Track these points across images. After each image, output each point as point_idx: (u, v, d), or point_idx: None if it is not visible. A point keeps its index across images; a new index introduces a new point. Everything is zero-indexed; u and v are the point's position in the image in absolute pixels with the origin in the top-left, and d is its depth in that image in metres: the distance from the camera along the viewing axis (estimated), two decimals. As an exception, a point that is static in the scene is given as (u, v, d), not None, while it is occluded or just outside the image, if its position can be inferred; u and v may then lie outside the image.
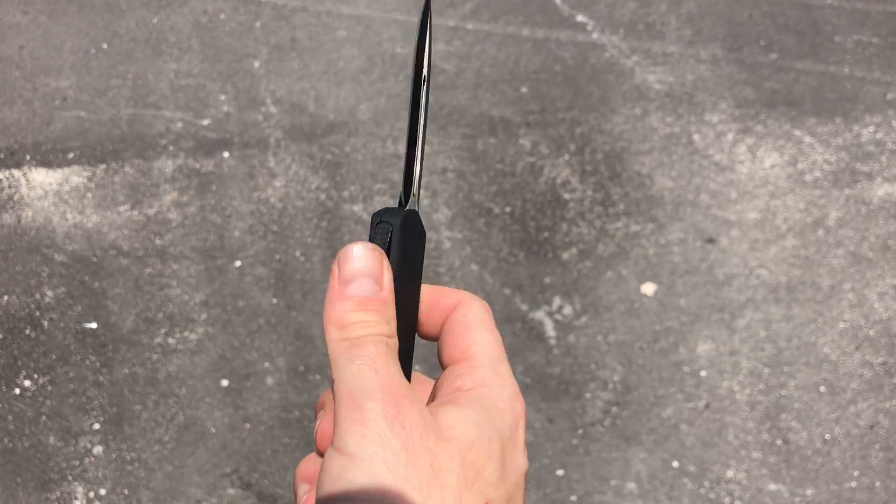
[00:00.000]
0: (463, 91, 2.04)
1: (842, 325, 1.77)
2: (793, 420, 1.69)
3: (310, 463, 0.40)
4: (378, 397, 0.34)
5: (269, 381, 1.70)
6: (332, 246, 1.83)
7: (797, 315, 1.78)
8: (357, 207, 1.89)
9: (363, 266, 0.37)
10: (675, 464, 1.64)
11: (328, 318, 0.36)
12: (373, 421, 0.33)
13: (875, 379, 1.72)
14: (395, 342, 0.37)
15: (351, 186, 1.91)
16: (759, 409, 1.70)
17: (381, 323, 0.36)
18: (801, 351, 1.75)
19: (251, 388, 1.70)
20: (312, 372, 1.71)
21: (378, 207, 1.88)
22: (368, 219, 1.86)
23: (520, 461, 0.36)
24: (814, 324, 1.77)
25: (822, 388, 1.72)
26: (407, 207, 0.40)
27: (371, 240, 0.39)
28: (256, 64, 2.08)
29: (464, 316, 0.40)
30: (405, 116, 2.15)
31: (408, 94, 2.05)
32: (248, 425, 1.66)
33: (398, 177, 1.91)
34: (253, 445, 1.65)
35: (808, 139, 1.98)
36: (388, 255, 0.38)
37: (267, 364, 1.72)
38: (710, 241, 1.85)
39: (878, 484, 1.64)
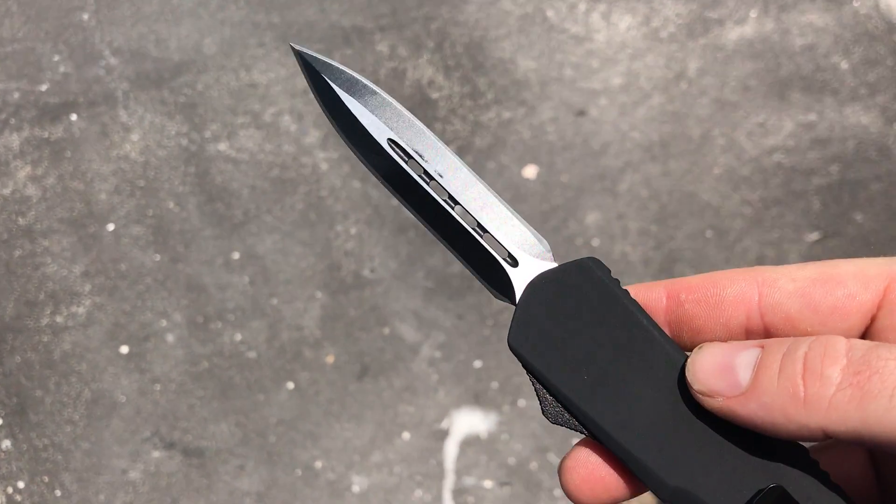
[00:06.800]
0: (308, 5, 1.97)
1: (717, 170, 1.83)
2: (686, 267, 1.75)
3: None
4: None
5: (170, 338, 1.66)
6: (205, 190, 1.77)
7: (674, 169, 1.83)
8: (223, 146, 1.82)
9: (711, 370, 0.34)
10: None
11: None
12: None
13: (755, 215, 1.80)
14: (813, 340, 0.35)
15: (212, 125, 1.84)
16: (654, 265, 1.75)
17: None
18: (684, 202, 1.80)
19: (153, 350, 1.65)
20: (212, 320, 1.67)
21: (245, 142, 1.81)
22: (236, 156, 1.80)
23: None
24: (691, 174, 1.83)
25: (709, 233, 1.78)
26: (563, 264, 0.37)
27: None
28: (86, 16, 1.95)
29: None
30: (253, 43, 2.03)
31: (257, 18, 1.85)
32: (157, 386, 1.62)
33: (259, 106, 1.84)
34: (167, 405, 1.61)
35: (657, -4, 2.00)
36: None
37: (164, 322, 1.67)
38: (581, 113, 1.87)
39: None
